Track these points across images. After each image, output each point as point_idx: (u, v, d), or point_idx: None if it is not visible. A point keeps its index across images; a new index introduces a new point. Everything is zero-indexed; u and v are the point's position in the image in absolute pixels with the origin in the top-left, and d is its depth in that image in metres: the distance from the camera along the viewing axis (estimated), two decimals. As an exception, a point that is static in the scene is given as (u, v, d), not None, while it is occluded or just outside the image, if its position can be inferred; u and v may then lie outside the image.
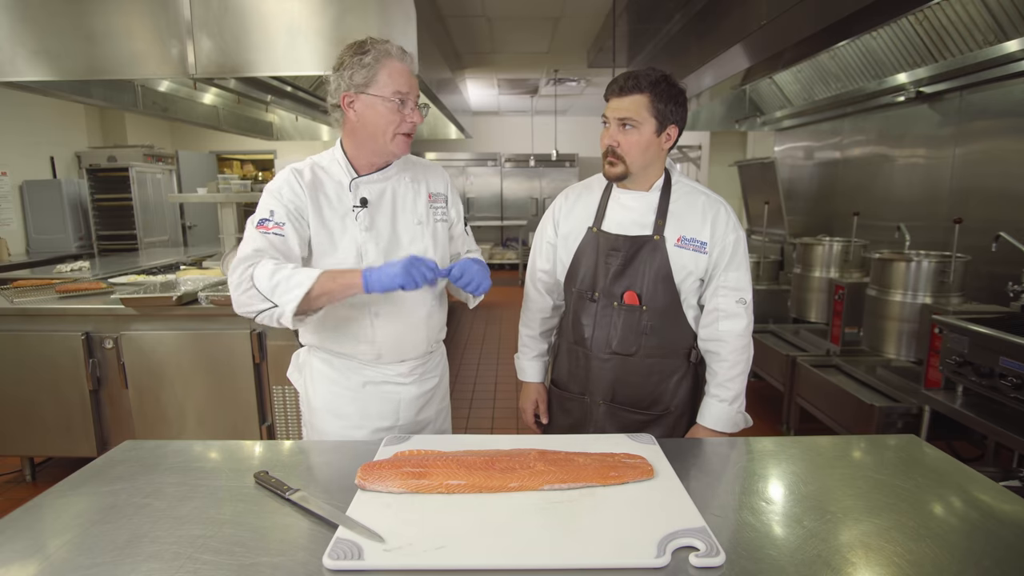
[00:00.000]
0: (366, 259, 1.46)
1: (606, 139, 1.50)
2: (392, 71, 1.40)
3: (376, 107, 1.40)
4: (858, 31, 2.78)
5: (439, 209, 1.60)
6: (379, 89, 1.39)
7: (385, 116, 1.41)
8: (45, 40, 3.08)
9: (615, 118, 1.47)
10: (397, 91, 1.39)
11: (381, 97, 1.39)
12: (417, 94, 1.46)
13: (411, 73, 1.43)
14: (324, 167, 1.50)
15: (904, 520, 1.01)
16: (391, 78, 1.39)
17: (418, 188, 1.56)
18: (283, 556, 0.92)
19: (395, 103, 1.40)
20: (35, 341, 2.81)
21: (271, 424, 2.86)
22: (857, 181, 4.42)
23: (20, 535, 0.98)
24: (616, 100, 1.47)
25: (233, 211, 4.01)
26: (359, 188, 1.48)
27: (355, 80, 1.38)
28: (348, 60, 1.39)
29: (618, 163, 1.50)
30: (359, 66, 1.38)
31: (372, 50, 1.38)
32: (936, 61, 3.19)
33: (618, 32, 4.90)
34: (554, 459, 1.16)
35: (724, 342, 1.53)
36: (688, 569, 0.88)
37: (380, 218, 1.49)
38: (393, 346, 1.52)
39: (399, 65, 1.41)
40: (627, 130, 1.47)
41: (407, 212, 1.53)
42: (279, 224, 1.39)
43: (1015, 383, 2.06)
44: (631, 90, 1.44)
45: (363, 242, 1.46)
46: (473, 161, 10.79)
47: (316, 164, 1.50)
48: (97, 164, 6.80)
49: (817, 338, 3.72)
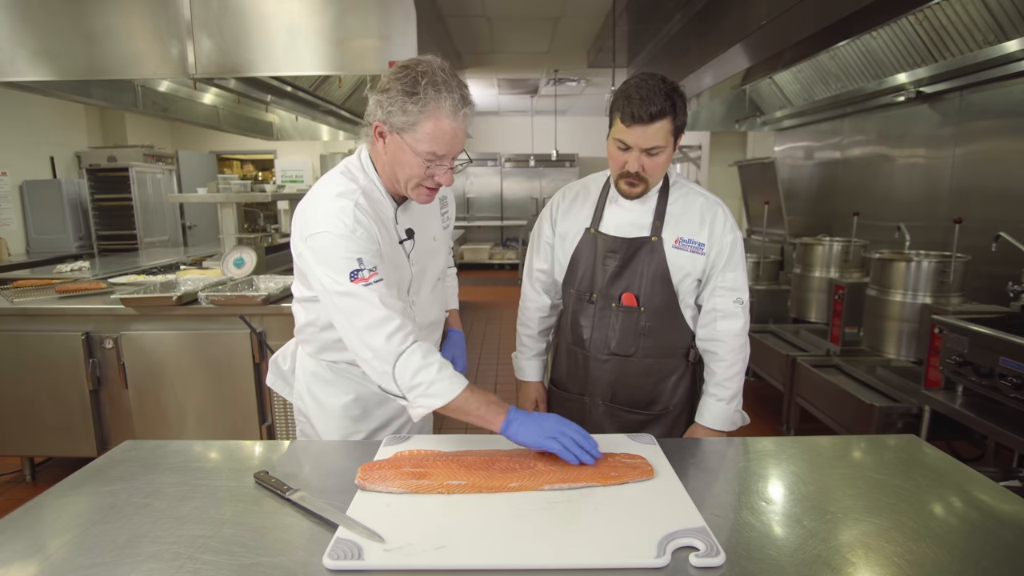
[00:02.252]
0: (410, 293, 1.41)
1: (630, 165, 1.42)
2: (437, 131, 1.20)
3: (405, 153, 1.23)
4: (858, 31, 2.78)
5: (444, 214, 1.55)
6: (415, 141, 1.21)
7: (411, 167, 1.25)
8: (45, 40, 3.09)
9: (641, 148, 1.40)
10: (432, 152, 1.22)
11: (413, 150, 1.22)
12: (457, 153, 1.27)
13: (461, 133, 1.23)
14: (367, 193, 1.30)
15: (904, 520, 1.01)
16: (432, 138, 1.21)
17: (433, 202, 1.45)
18: (283, 556, 0.92)
19: (426, 161, 1.24)
20: (35, 341, 2.81)
21: (271, 424, 2.86)
22: (857, 181, 4.42)
23: (20, 535, 0.98)
24: (641, 129, 1.37)
25: (233, 211, 4.00)
26: (401, 219, 1.38)
27: (393, 120, 1.21)
28: (394, 91, 1.19)
29: (640, 184, 1.46)
30: (401, 110, 1.19)
31: (423, 96, 1.18)
32: (936, 61, 3.19)
33: (618, 32, 4.90)
34: (554, 459, 1.16)
35: (722, 342, 1.53)
36: (688, 569, 0.88)
37: (418, 246, 1.42)
38: None
39: (448, 125, 1.20)
40: (652, 155, 1.41)
41: (431, 228, 1.47)
42: (373, 270, 1.21)
43: (1015, 383, 2.06)
44: (658, 117, 1.36)
45: (411, 277, 1.40)
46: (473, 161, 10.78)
47: (362, 190, 1.29)
48: (97, 164, 6.80)
49: (817, 338, 3.72)
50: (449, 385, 1.19)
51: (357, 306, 1.20)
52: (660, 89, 1.36)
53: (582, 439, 1.16)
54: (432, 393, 1.19)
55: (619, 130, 1.41)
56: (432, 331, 1.53)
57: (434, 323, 1.53)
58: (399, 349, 1.19)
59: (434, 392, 1.18)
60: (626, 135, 1.40)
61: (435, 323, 1.54)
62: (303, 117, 5.75)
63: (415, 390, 1.19)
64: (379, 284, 1.21)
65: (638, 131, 1.38)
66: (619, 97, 1.41)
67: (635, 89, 1.37)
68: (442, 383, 1.19)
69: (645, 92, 1.36)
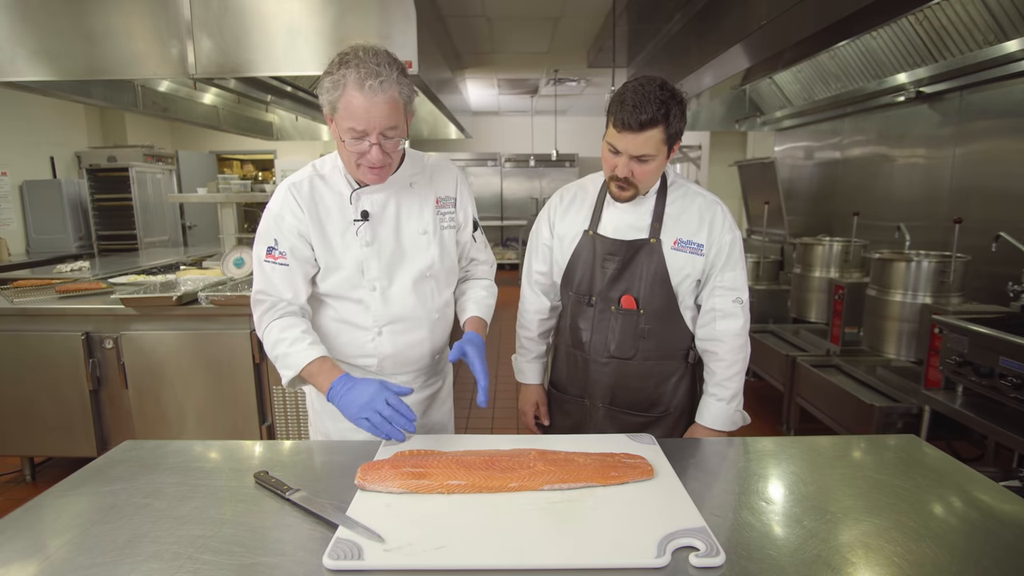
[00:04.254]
0: (368, 275, 1.42)
1: (619, 170, 1.41)
2: (349, 106, 1.23)
3: (337, 134, 1.29)
4: (858, 31, 2.78)
5: (447, 215, 1.50)
6: (340, 120, 1.26)
7: (343, 147, 1.30)
8: (45, 40, 3.09)
9: (631, 155, 1.39)
10: (351, 128, 1.24)
11: (340, 129, 1.27)
12: (389, 126, 1.26)
13: (378, 105, 1.22)
14: (326, 176, 1.42)
15: (904, 520, 1.01)
16: (348, 114, 1.24)
17: (425, 194, 1.47)
18: (283, 556, 0.92)
19: (351, 139, 1.27)
20: (35, 341, 2.81)
21: (271, 424, 2.85)
22: (857, 181, 4.42)
23: (20, 535, 0.98)
24: (631, 136, 1.36)
25: (233, 211, 4.01)
26: (360, 200, 1.41)
27: (324, 106, 1.27)
28: (323, 77, 1.25)
29: (629, 188, 1.45)
30: (326, 93, 1.25)
31: (335, 75, 1.22)
32: (936, 61, 3.19)
33: (618, 32, 4.90)
34: (554, 459, 1.16)
35: (721, 342, 1.53)
36: (688, 569, 0.87)
37: (383, 231, 1.43)
38: (396, 361, 1.50)
39: (357, 98, 1.21)
40: (642, 163, 1.40)
41: (412, 221, 1.45)
42: (283, 254, 1.38)
43: (1015, 383, 2.06)
44: (648, 125, 1.34)
45: (364, 258, 1.41)
46: (473, 161, 10.79)
47: (316, 174, 1.42)
48: (97, 164, 6.81)
49: (817, 338, 3.72)
50: (295, 359, 1.33)
51: (257, 277, 1.41)
52: (656, 96, 1.33)
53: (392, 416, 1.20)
54: (285, 364, 1.35)
55: (611, 134, 1.41)
56: (412, 326, 1.48)
57: (411, 318, 1.48)
58: (264, 325, 1.40)
59: (285, 364, 1.35)
60: (616, 140, 1.39)
61: (416, 319, 1.49)
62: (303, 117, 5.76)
63: (277, 361, 1.37)
64: (282, 268, 1.38)
65: (628, 138, 1.37)
66: (614, 100, 1.39)
67: (630, 94, 1.35)
68: (292, 356, 1.34)
69: (639, 99, 1.33)
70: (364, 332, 1.46)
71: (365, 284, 1.43)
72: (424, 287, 1.49)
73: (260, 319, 1.41)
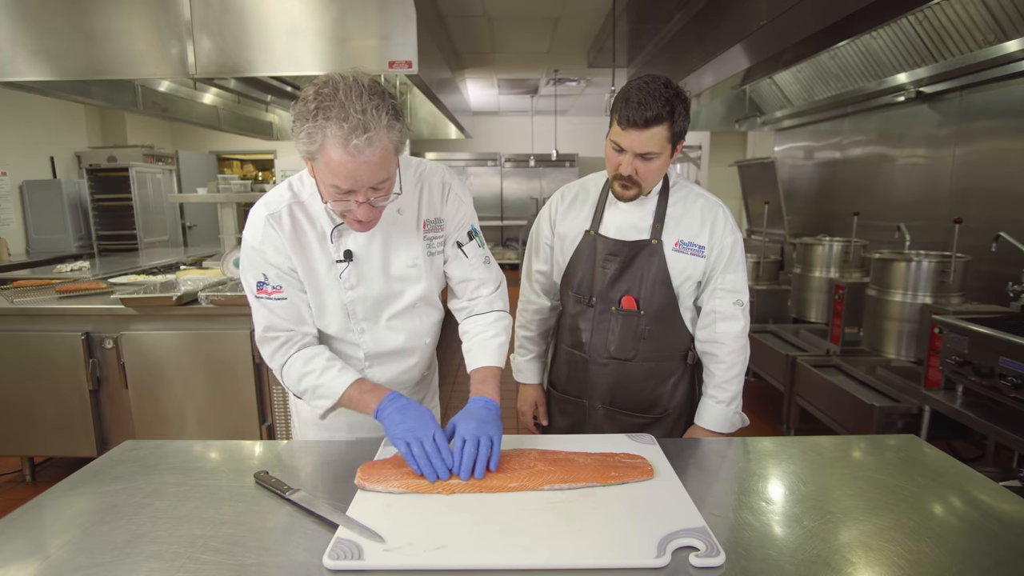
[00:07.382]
0: (354, 318, 1.34)
1: (624, 168, 1.40)
2: (331, 163, 1.07)
3: (320, 186, 1.17)
4: (858, 31, 2.78)
5: (435, 239, 1.38)
6: (319, 172, 1.12)
7: (326, 196, 1.17)
8: (45, 40, 3.09)
9: (635, 152, 1.38)
10: (335, 186, 1.10)
11: (322, 180, 1.13)
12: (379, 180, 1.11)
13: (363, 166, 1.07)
14: (305, 203, 1.27)
15: (904, 520, 1.01)
16: (330, 171, 1.09)
17: (416, 220, 1.35)
18: (283, 556, 0.92)
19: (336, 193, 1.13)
20: (35, 341, 2.81)
21: (271, 424, 2.86)
22: (857, 181, 4.42)
23: (20, 535, 0.98)
24: (636, 133, 1.35)
25: (233, 211, 4.01)
26: (342, 237, 1.29)
27: (300, 147, 1.10)
28: (297, 116, 1.08)
29: (633, 187, 1.45)
30: (304, 137, 1.07)
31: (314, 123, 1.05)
32: (936, 61, 3.19)
33: (618, 32, 4.89)
34: (554, 459, 1.16)
35: (721, 344, 1.53)
36: (688, 569, 0.87)
37: (369, 270, 1.32)
38: (385, 383, 1.43)
39: (338, 157, 1.05)
40: (647, 160, 1.40)
41: (400, 255, 1.34)
42: (276, 288, 1.27)
43: (1015, 383, 2.06)
44: (653, 122, 1.33)
45: (349, 301, 1.32)
46: (473, 161, 10.79)
47: (295, 200, 1.27)
48: (97, 164, 6.81)
49: (817, 338, 3.72)
50: (330, 388, 1.27)
51: (257, 315, 1.31)
52: (660, 94, 1.33)
53: (433, 452, 1.11)
54: (320, 395, 1.28)
55: (615, 132, 1.40)
56: (403, 356, 1.43)
57: (402, 351, 1.42)
58: (281, 362, 1.31)
59: (321, 394, 1.28)
60: (621, 138, 1.39)
61: (404, 351, 1.43)
62: (303, 117, 5.74)
63: (306, 394, 1.31)
64: (281, 302, 1.29)
65: (632, 135, 1.36)
66: (619, 98, 1.39)
67: (635, 91, 1.35)
68: (326, 386, 1.27)
69: (644, 96, 1.33)
70: (355, 363, 1.41)
71: (353, 327, 1.36)
72: (413, 315, 1.42)
73: (273, 356, 1.31)
